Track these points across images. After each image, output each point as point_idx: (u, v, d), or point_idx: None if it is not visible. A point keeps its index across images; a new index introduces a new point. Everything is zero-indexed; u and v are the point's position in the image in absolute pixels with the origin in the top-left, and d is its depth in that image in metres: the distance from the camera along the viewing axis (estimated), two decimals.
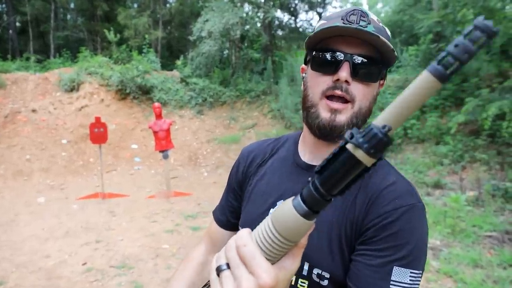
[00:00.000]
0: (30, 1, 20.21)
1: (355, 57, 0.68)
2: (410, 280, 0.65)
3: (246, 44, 15.11)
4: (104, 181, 7.01)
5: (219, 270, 0.46)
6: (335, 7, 33.20)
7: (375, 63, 0.69)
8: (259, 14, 14.67)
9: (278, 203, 0.80)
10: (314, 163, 0.80)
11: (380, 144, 0.37)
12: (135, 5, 23.62)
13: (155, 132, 6.95)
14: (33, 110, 10.83)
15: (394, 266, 0.65)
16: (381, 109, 8.78)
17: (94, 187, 7.74)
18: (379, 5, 26.91)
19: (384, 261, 0.66)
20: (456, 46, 0.35)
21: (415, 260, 0.66)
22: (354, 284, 0.67)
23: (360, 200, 0.71)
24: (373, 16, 0.72)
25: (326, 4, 21.92)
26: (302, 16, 20.65)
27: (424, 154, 7.35)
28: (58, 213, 5.86)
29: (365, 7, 29.52)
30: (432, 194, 5.93)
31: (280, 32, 21.09)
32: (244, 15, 13.95)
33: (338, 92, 0.70)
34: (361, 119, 0.72)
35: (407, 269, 0.65)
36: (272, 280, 0.42)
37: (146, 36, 15.42)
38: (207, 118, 12.15)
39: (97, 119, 6.83)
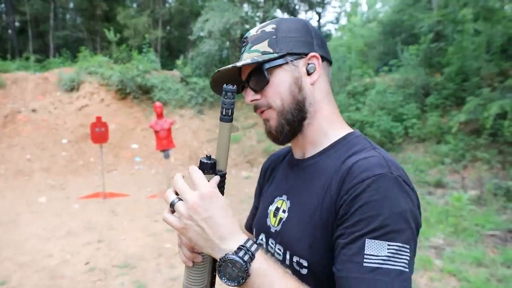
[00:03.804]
0: (29, 0, 20.17)
1: (247, 80, 0.81)
2: (389, 253, 0.60)
3: None
4: (105, 181, 7.00)
5: (172, 205, 0.66)
6: (334, 7, 33.16)
7: (257, 72, 0.78)
8: (258, 13, 14.67)
9: (275, 200, 0.87)
10: (300, 157, 0.86)
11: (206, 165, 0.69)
12: (135, 5, 23.61)
13: (156, 132, 6.94)
14: (33, 110, 10.81)
15: (366, 239, 0.61)
16: (382, 108, 8.79)
17: (95, 186, 7.73)
18: (378, 5, 26.92)
19: (355, 236, 0.62)
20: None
21: (392, 232, 0.61)
22: (335, 267, 0.65)
23: (335, 182, 0.71)
24: (253, 31, 0.82)
25: (325, 4, 21.96)
26: (302, 15, 20.65)
27: (425, 153, 7.36)
28: (60, 213, 5.85)
29: (364, 7, 29.51)
30: (434, 193, 5.94)
31: None
32: (244, 14, 13.95)
33: (256, 110, 0.83)
34: (292, 110, 0.78)
35: (383, 241, 0.61)
36: (208, 189, 0.64)
37: (146, 35, 15.40)
38: (207, 117, 12.14)
39: (98, 119, 6.82)
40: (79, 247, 4.38)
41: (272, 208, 0.86)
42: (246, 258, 0.61)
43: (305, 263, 0.72)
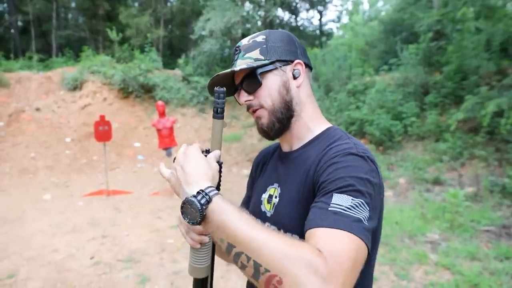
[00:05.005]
0: (32, 0, 20.30)
1: (241, 83, 0.92)
2: (351, 204, 0.69)
3: None
4: (108, 179, 7.11)
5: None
6: (336, 5, 33.14)
7: (251, 76, 0.90)
8: (260, 12, 14.74)
9: (267, 188, 0.98)
10: (287, 150, 0.98)
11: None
12: (137, 4, 23.69)
13: (158, 130, 7.05)
14: (37, 109, 10.94)
15: (334, 193, 0.71)
16: (381, 107, 8.87)
17: (98, 184, 7.85)
18: (380, 3, 26.94)
19: (325, 192, 0.73)
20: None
21: (356, 191, 0.71)
22: (306, 221, 0.73)
23: (314, 165, 0.84)
24: (245, 41, 0.95)
25: (326, 3, 21.96)
26: (303, 14, 20.68)
27: (424, 151, 7.43)
28: (64, 210, 5.97)
29: (366, 6, 29.48)
30: (432, 190, 6.02)
31: None
32: (245, 13, 14.03)
33: (249, 109, 0.95)
34: (281, 109, 0.90)
35: (348, 196, 0.70)
36: (190, 149, 0.84)
37: (148, 35, 15.50)
38: (209, 116, 12.23)
39: (102, 117, 6.93)
40: (84, 242, 4.50)
41: (265, 196, 0.97)
42: (202, 201, 0.69)
43: (297, 237, 0.82)
